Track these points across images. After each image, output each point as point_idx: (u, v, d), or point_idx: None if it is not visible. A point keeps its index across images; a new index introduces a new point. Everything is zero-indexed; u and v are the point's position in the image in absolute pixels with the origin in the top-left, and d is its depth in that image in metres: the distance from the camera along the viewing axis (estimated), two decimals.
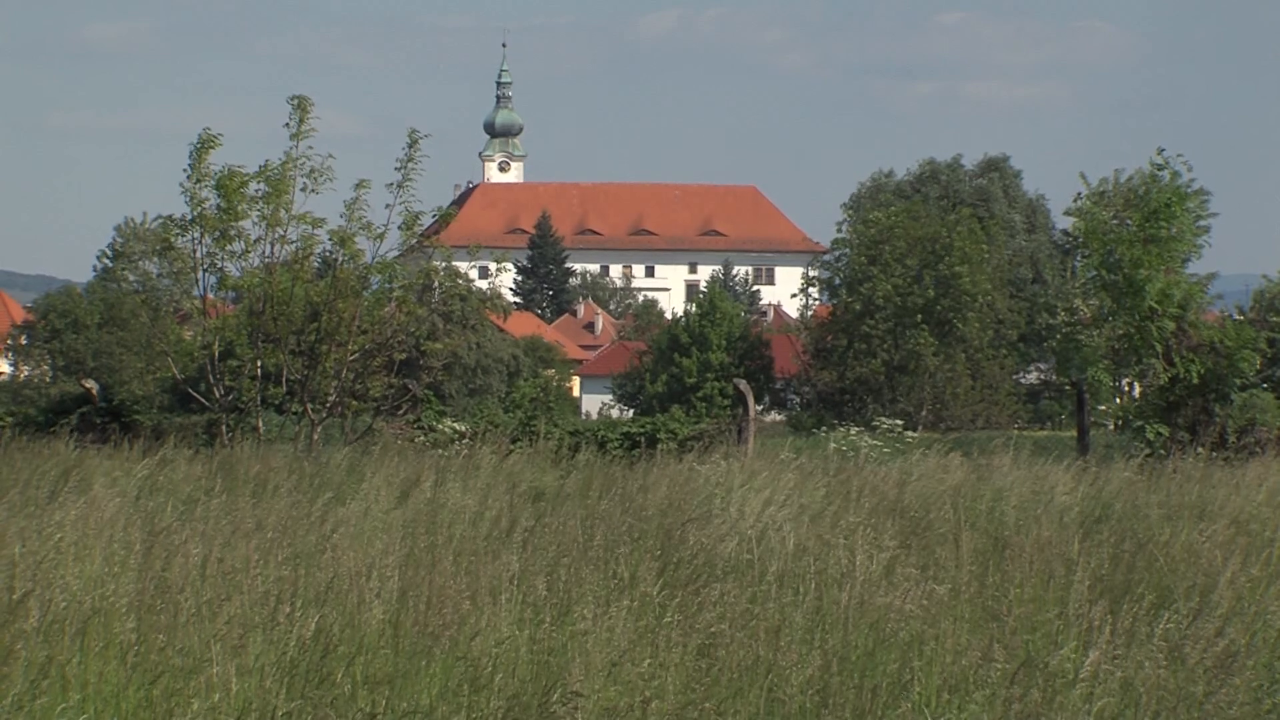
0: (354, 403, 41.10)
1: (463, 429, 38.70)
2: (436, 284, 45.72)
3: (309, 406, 40.50)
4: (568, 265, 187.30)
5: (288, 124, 41.29)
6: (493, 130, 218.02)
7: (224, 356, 41.66)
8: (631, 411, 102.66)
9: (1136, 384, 66.94)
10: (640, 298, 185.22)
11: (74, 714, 13.61)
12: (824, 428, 59.27)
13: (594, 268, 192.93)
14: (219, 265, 42.36)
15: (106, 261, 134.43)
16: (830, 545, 18.34)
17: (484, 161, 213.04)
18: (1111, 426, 61.05)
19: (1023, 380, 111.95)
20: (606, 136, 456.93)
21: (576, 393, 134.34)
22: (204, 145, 41.47)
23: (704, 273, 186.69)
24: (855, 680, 13.87)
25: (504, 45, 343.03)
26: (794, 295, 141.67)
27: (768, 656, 14.40)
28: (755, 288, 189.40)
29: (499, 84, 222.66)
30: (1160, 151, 57.01)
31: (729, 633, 14.96)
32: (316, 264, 42.04)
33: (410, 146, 42.05)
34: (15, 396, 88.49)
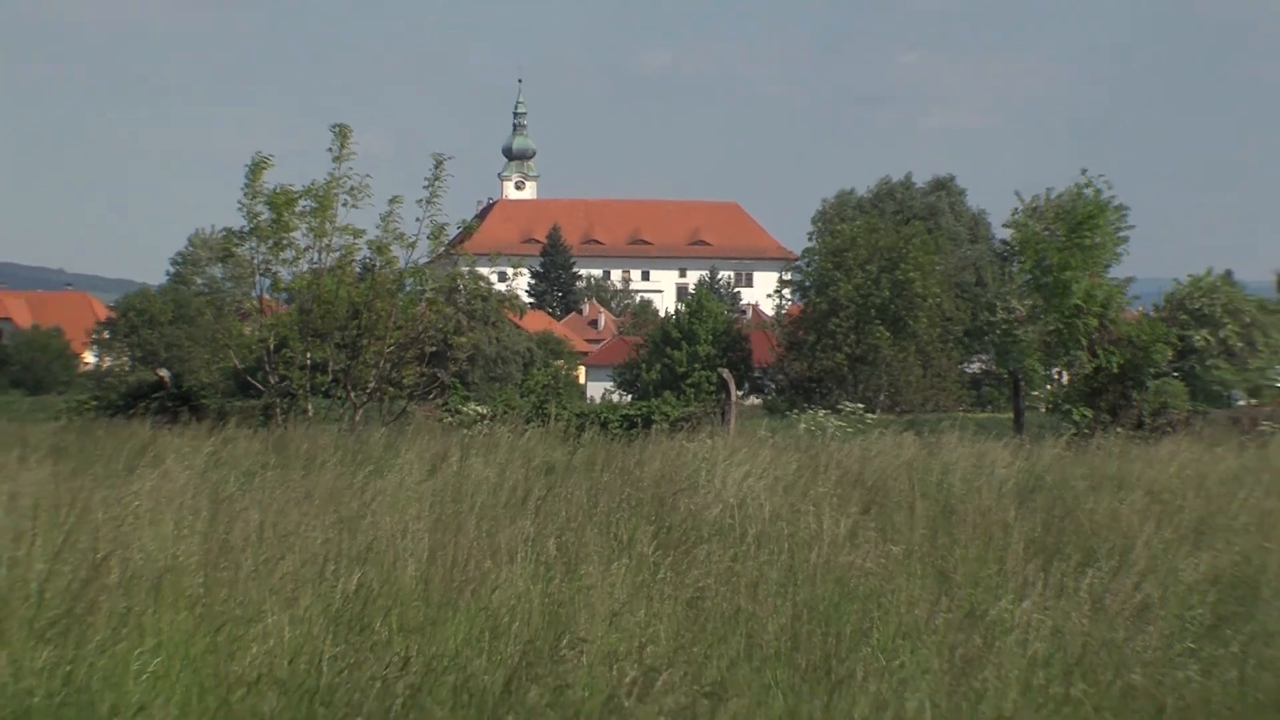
0: (390, 389, 41.18)
1: (484, 411, 38.69)
2: (461, 286, 45.77)
3: (351, 392, 40.60)
4: (575, 270, 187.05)
5: (330, 149, 41.44)
6: (510, 154, 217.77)
7: (278, 349, 41.75)
8: (630, 396, 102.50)
9: (1065, 372, 67.03)
10: (637, 298, 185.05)
11: (149, 658, 13.61)
12: (795, 410, 59.20)
13: (597, 272, 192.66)
14: (273, 270, 42.60)
15: (178, 267, 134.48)
16: (801, 512, 18.33)
17: (502, 181, 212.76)
18: (1043, 409, 61.12)
19: (966, 370, 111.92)
20: (608, 159, 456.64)
21: (582, 380, 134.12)
22: (257, 166, 41.67)
23: (692, 277, 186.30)
24: (822, 628, 13.87)
25: (519, 80, 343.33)
26: (769, 296, 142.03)
27: (747, 607, 14.40)
28: (736, 290, 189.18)
29: (515, 114, 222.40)
30: (1084, 172, 57.08)
31: (714, 587, 14.96)
32: (357, 269, 42.11)
33: (436, 168, 42.19)
34: (99, 383, 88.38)
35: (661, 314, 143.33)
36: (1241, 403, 73.29)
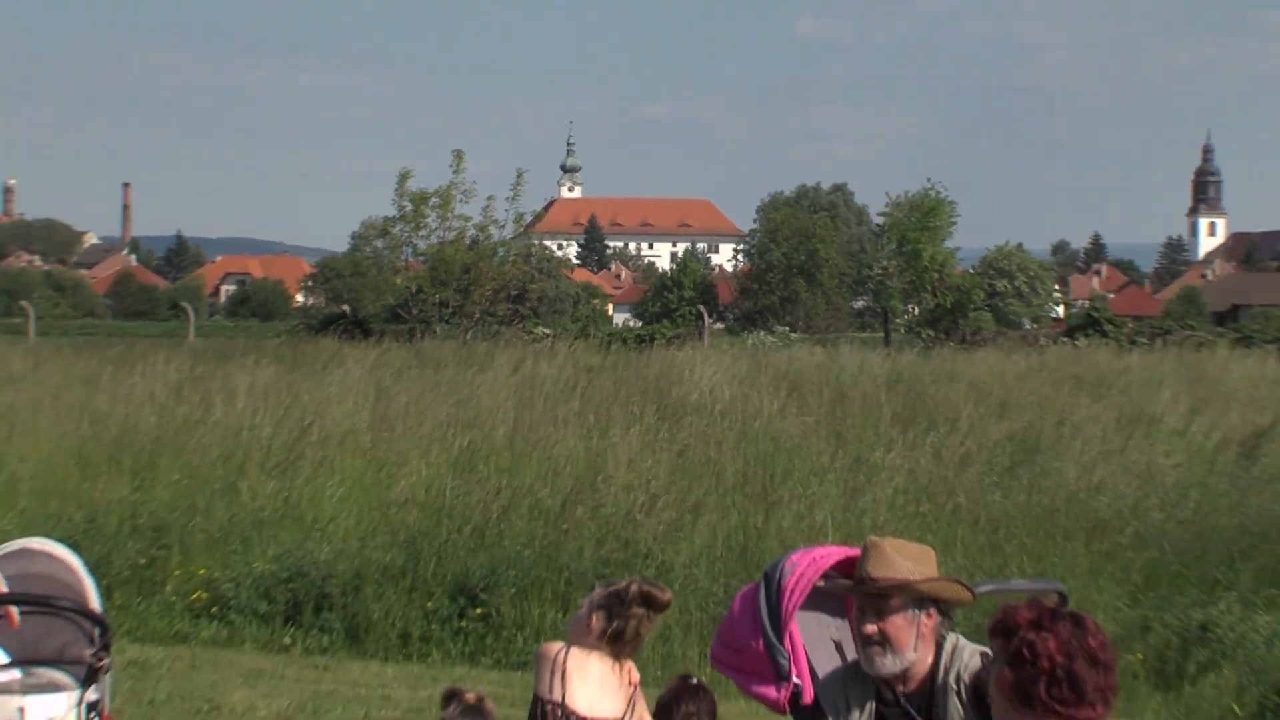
0: (488, 318, 41.35)
1: (548, 332, 38.68)
2: (534, 253, 45.94)
3: (463, 320, 40.77)
4: (605, 243, 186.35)
5: (451, 165, 41.80)
6: (564, 168, 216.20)
7: (417, 293, 42.00)
8: (640, 323, 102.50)
9: (916, 308, 66.86)
10: (645, 261, 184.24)
11: (336, 487, 13.68)
12: (745, 332, 59.15)
13: (620, 244, 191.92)
14: (414, 243, 42.96)
15: (355, 240, 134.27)
16: (749, 396, 18.35)
17: (559, 185, 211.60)
18: (902, 331, 61.09)
19: (854, 306, 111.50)
20: (628, 171, 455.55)
21: (610, 313, 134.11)
22: (403, 176, 42.20)
23: (680, 248, 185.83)
24: (762, 470, 13.90)
25: (570, 122, 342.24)
26: (729, 260, 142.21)
27: (715, 457, 14.42)
28: (708, 255, 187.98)
29: (568, 143, 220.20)
30: (929, 180, 57.45)
31: (694, 444, 14.98)
32: (468, 242, 42.30)
33: (517, 178, 42.49)
34: (304, 315, 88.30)
35: (660, 271, 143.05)
36: (1028, 326, 73.06)
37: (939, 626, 4.96)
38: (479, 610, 11.55)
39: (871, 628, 4.88)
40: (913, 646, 4.87)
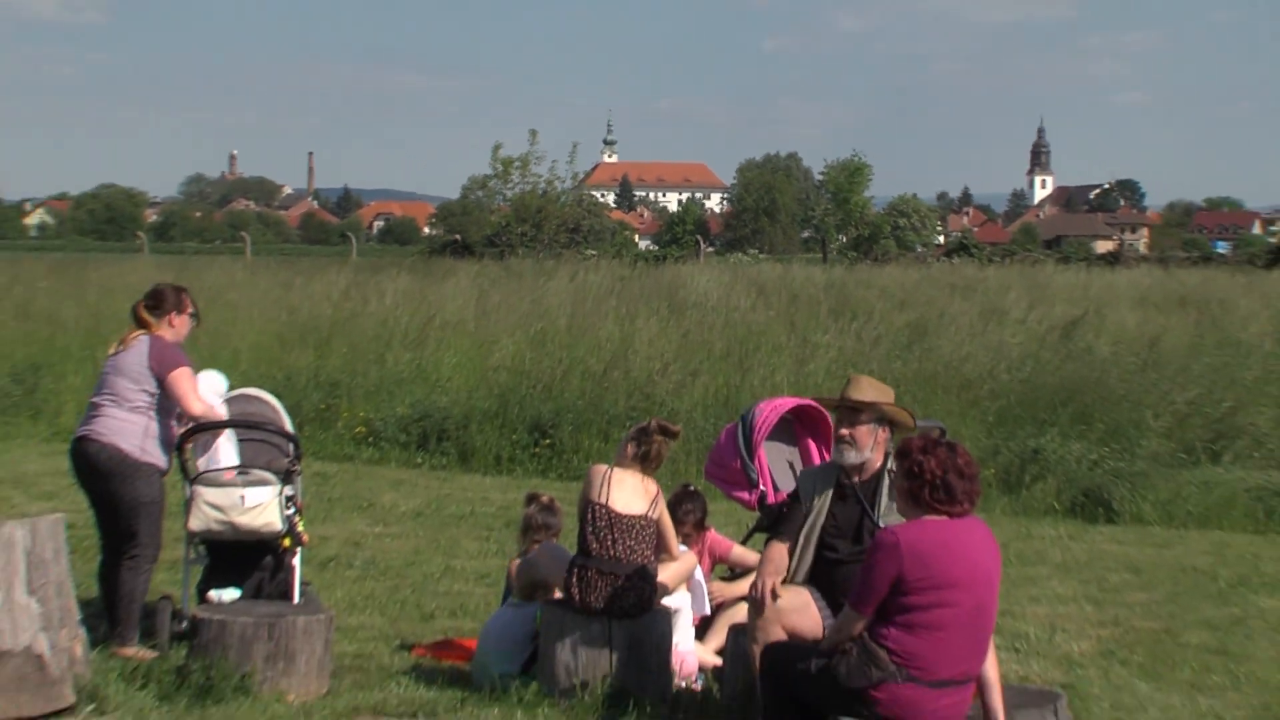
0: (554, 244, 41.19)
1: (594, 254, 38.48)
2: (584, 200, 45.74)
3: (537, 246, 40.64)
4: (633, 193, 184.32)
5: (529, 139, 41.53)
6: (605, 142, 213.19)
7: (505, 227, 41.84)
8: (656, 248, 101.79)
9: (845, 236, 65.95)
10: (660, 205, 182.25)
11: (450, 356, 13.65)
12: (729, 254, 58.82)
13: (643, 194, 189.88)
14: (503, 192, 42.87)
15: (465, 189, 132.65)
16: (731, 296, 18.23)
17: (602, 154, 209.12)
18: (835, 253, 60.60)
19: (802, 236, 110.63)
20: (648, 144, 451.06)
21: (636, 240, 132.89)
22: (496, 147, 42.05)
23: (684, 196, 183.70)
24: (739, 347, 13.86)
25: (609, 110, 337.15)
26: (718, 204, 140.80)
27: (708, 338, 14.39)
28: (703, 201, 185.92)
29: (608, 124, 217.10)
30: (854, 150, 56.52)
31: (693, 329, 14.93)
32: (539, 192, 42.11)
33: (573, 149, 42.28)
34: (429, 242, 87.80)
35: (670, 212, 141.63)
36: (920, 250, 72.51)
37: (888, 443, 5.04)
38: (548, 441, 11.65)
39: (845, 431, 5.00)
40: (869, 448, 4.95)
